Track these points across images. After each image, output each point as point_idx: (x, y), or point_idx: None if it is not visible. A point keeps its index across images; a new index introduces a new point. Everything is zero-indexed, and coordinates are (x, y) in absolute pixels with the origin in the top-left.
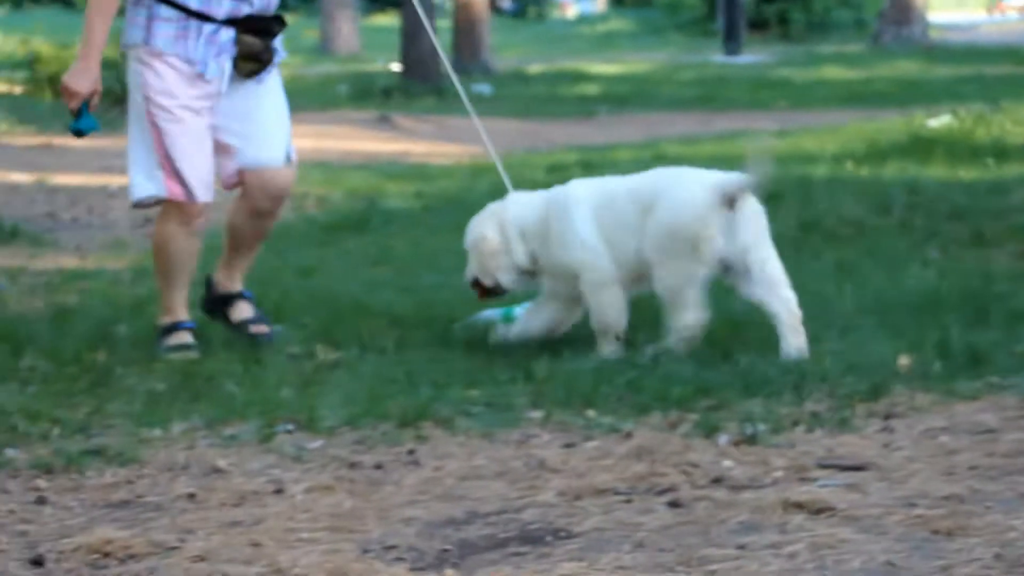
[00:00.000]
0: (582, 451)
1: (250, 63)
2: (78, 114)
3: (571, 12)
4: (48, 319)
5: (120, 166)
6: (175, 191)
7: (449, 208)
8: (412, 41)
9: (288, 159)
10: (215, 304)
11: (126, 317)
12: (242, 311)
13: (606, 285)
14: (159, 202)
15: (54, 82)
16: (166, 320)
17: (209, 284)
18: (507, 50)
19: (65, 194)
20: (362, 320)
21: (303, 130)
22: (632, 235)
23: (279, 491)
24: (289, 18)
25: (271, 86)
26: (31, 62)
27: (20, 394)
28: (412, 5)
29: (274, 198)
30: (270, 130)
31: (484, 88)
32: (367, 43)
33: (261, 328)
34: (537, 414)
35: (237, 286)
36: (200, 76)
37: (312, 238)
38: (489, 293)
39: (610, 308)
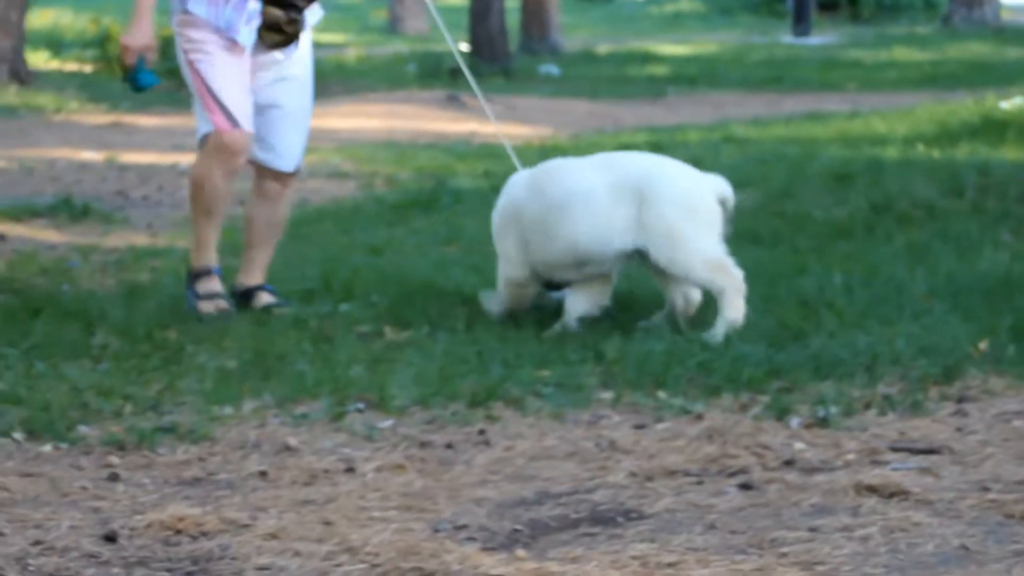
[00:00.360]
0: (653, 432)
1: (274, 34)
2: (135, 70)
3: None
4: (119, 297)
5: (190, 144)
6: (219, 121)
7: None
8: (481, 21)
9: (298, 168)
10: (239, 301)
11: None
12: (263, 299)
13: None
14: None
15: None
16: (198, 264)
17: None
18: (576, 30)
19: (135, 172)
20: (432, 299)
21: (372, 110)
22: None
23: (350, 470)
24: None
25: (304, 82)
26: (102, 40)
27: (92, 371)
28: None
29: (275, 193)
30: (293, 136)
31: (552, 68)
32: (434, 21)
33: (283, 309)
34: (608, 395)
35: (257, 280)
36: (234, 43)
37: (381, 217)
38: None
39: None
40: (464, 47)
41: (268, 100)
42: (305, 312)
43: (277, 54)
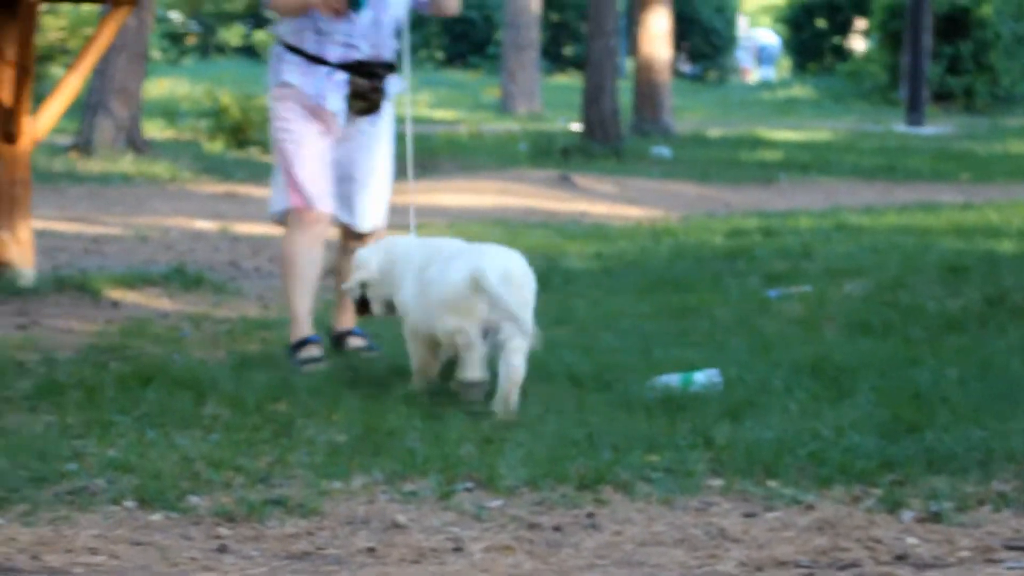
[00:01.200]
0: (763, 521)
1: (359, 101)
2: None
3: (752, 77)
4: (230, 367)
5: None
6: (296, 200)
7: (629, 270)
8: (594, 102)
9: (374, 229)
10: (333, 344)
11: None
12: (353, 343)
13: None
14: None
15: (237, 132)
16: (295, 337)
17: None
18: (687, 113)
19: (247, 243)
20: (542, 380)
21: (483, 187)
22: None
23: (458, 549)
24: (471, 76)
25: (385, 145)
26: (216, 111)
27: (203, 441)
28: (595, 66)
29: (349, 251)
30: (373, 197)
31: (663, 151)
32: (548, 102)
33: (372, 353)
34: (717, 482)
35: (348, 324)
36: (320, 107)
37: None
38: (361, 310)
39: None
40: (576, 127)
41: (349, 165)
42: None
43: (361, 122)
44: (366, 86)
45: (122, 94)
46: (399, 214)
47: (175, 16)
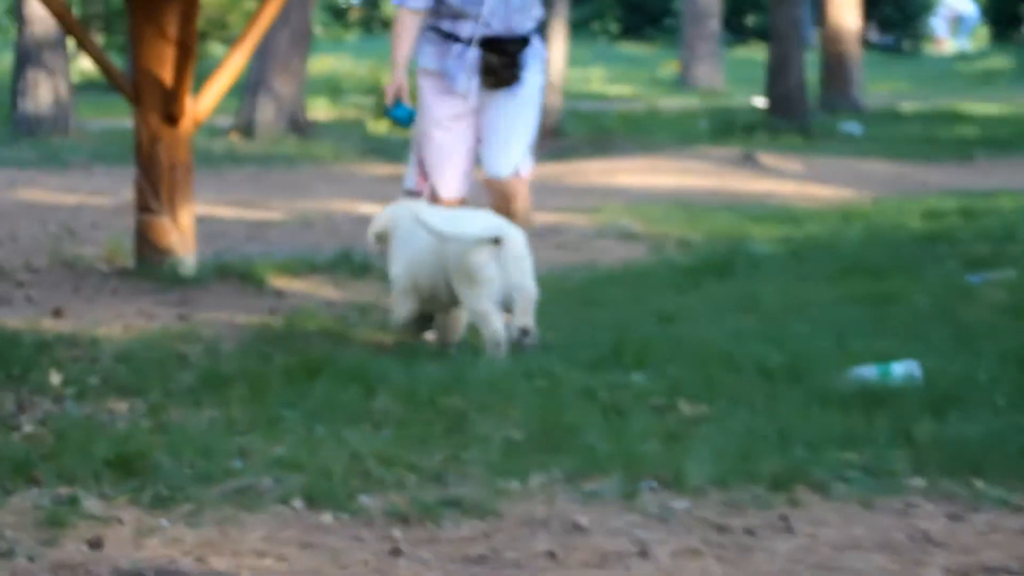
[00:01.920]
0: (970, 524)
1: (490, 77)
2: (392, 107)
3: (948, 47)
4: (400, 359)
5: (471, 200)
6: (421, 184)
7: (819, 254)
8: (778, 76)
9: (516, 173)
10: None
11: (480, 359)
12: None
13: None
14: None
15: None
16: None
17: None
18: (879, 86)
19: None
20: (729, 371)
21: (662, 167)
22: None
23: (643, 553)
24: (647, 49)
25: (521, 102)
26: (380, 90)
27: (373, 437)
28: (780, 37)
29: (502, 202)
30: (503, 145)
31: (853, 127)
32: (729, 76)
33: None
34: (920, 482)
35: None
36: (451, 90)
37: (673, 282)
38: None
39: None
40: (760, 102)
41: (484, 129)
42: (594, 381)
43: (498, 95)
44: (496, 62)
45: (284, 72)
46: (579, 195)
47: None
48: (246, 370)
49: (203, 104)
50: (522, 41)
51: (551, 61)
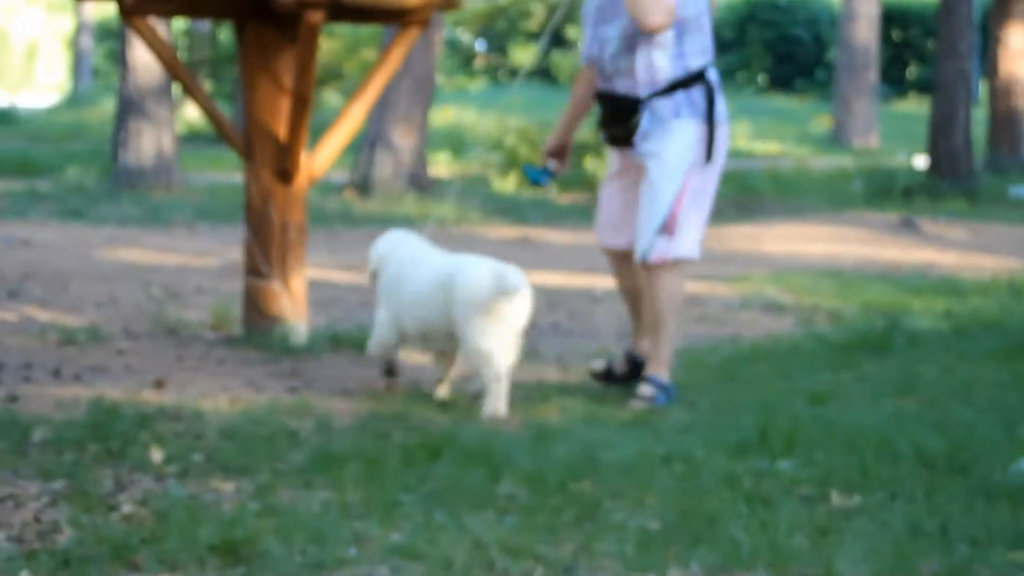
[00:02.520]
0: None
1: (604, 131)
2: (536, 166)
3: None
4: (527, 440)
5: (603, 265)
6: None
7: (985, 331)
8: (942, 133)
9: (644, 257)
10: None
11: (613, 441)
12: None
13: None
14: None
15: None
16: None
17: (628, 357)
18: None
19: (544, 296)
20: (885, 459)
21: (812, 232)
22: None
23: None
24: (797, 103)
25: (654, 177)
26: (507, 146)
27: (498, 525)
28: (945, 91)
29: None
30: (637, 225)
31: None
32: (887, 133)
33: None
34: None
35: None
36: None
37: (824, 359)
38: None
39: None
40: (921, 162)
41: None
42: (738, 468)
43: (639, 155)
44: (608, 120)
45: (405, 125)
46: (723, 262)
47: (463, 36)
48: (361, 449)
49: (319, 160)
50: (629, 103)
51: None
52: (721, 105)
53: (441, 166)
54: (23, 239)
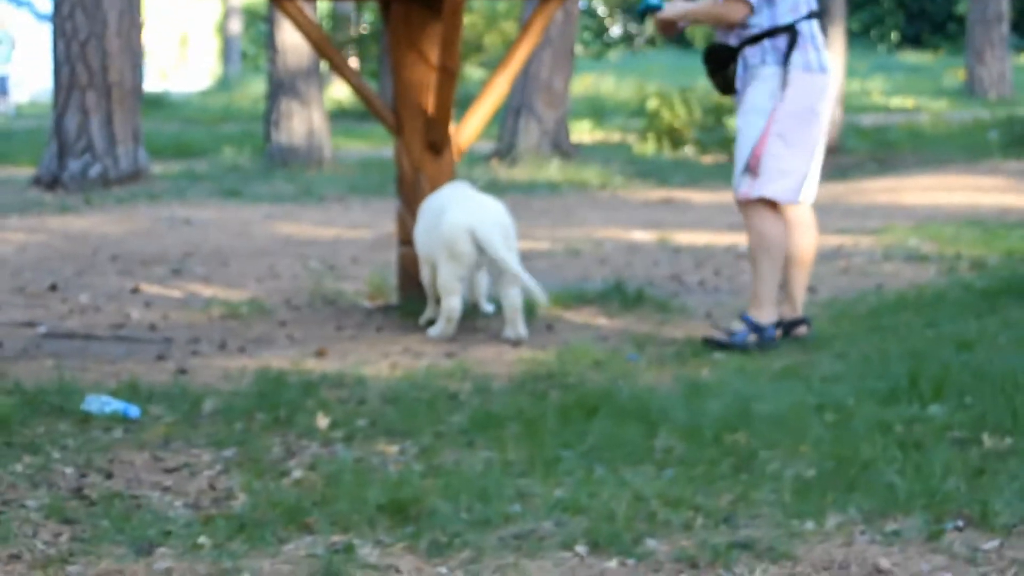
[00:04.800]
0: None
1: (712, 79)
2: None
3: None
4: (681, 394)
5: (740, 223)
6: None
7: None
8: None
9: (736, 192)
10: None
11: (765, 393)
12: (801, 330)
13: None
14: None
15: (672, 131)
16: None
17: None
18: None
19: (690, 254)
20: None
21: (951, 183)
22: None
23: None
24: (930, 58)
25: (740, 119)
26: (647, 111)
27: (657, 478)
28: None
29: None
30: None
31: None
32: (1020, 83)
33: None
34: None
35: (799, 312)
36: None
37: (969, 306)
38: None
39: None
40: None
41: None
42: (890, 414)
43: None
44: (709, 69)
45: (547, 94)
46: (863, 215)
47: (600, 9)
48: (520, 409)
49: (466, 132)
50: (725, 51)
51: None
52: (808, 55)
53: (583, 133)
54: (184, 218)
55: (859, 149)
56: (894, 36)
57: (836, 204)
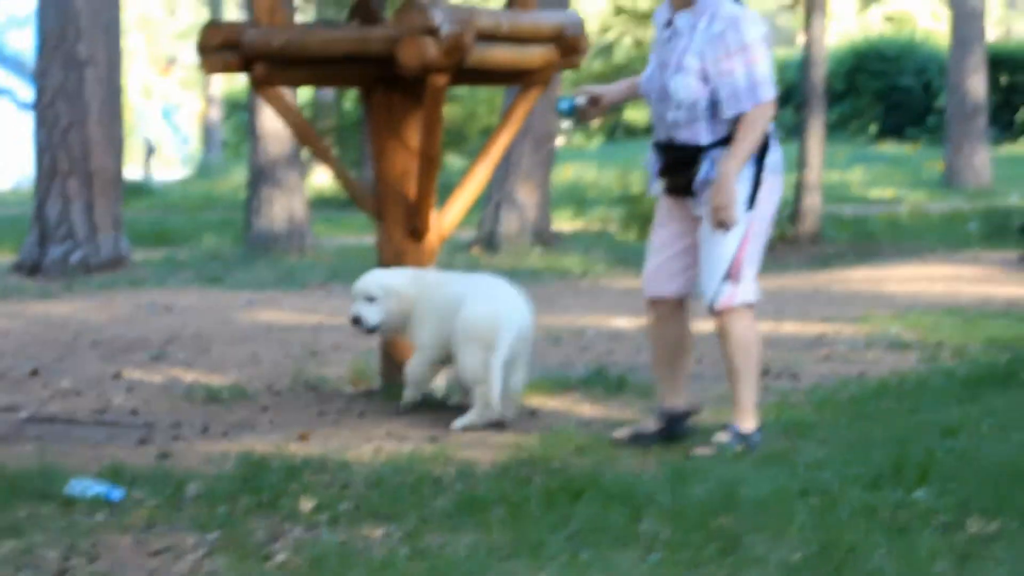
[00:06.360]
0: None
1: (664, 180)
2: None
3: None
4: (665, 479)
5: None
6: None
7: None
8: None
9: (712, 304)
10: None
11: (750, 478)
12: (720, 436)
13: None
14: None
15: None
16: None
17: (662, 414)
18: None
19: None
20: (1020, 487)
21: (932, 273)
22: None
23: None
24: (909, 149)
25: (707, 230)
26: (628, 199)
27: (642, 562)
28: None
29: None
30: (702, 272)
31: None
32: (999, 175)
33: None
34: None
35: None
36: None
37: (951, 393)
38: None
39: None
40: None
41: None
42: (875, 499)
43: (701, 205)
44: (664, 170)
45: (528, 182)
46: (845, 303)
47: (579, 98)
48: (504, 493)
49: (448, 218)
50: (688, 151)
51: (808, 164)
52: (776, 155)
53: (565, 221)
54: (165, 305)
55: (839, 239)
56: (873, 128)
57: (817, 293)
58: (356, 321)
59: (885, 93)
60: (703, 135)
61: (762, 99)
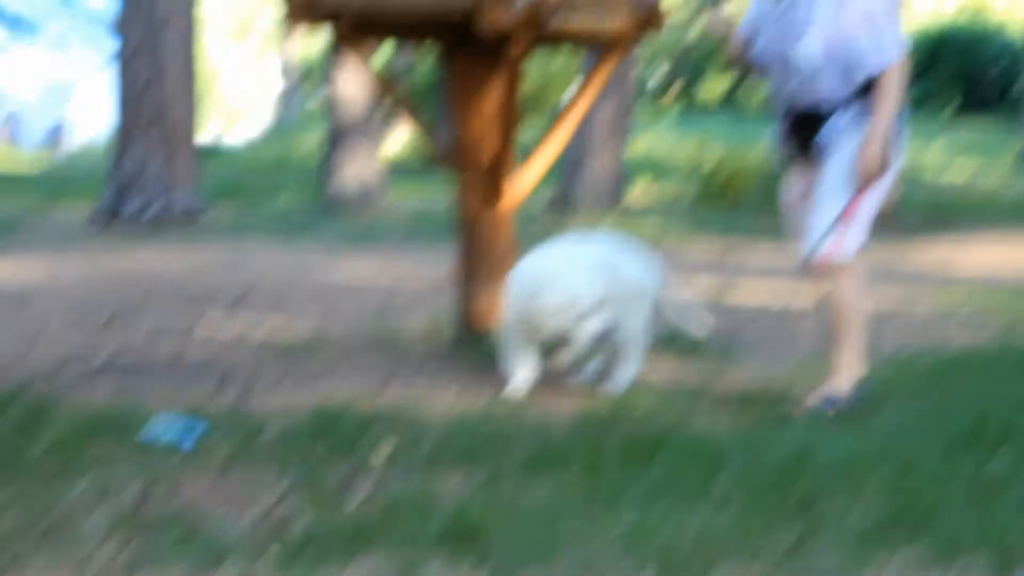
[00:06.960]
0: None
1: (787, 147)
2: None
3: None
4: (741, 438)
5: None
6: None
7: None
8: None
9: (810, 258)
10: None
11: (826, 440)
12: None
13: None
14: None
15: (728, 190)
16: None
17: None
18: None
19: (745, 310)
20: None
21: (1009, 248)
22: None
23: None
24: (988, 126)
25: (821, 179)
26: (703, 172)
27: (716, 519)
28: None
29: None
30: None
31: None
32: None
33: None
34: None
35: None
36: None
37: None
38: None
39: None
40: None
41: None
42: (953, 465)
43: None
44: (789, 134)
45: (604, 150)
46: (920, 279)
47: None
48: (579, 447)
49: (524, 184)
50: (815, 119)
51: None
52: (899, 122)
53: (640, 190)
54: (240, 259)
55: (916, 215)
56: (951, 107)
57: (895, 266)
58: None
59: (965, 70)
60: (830, 100)
61: (891, 60)
